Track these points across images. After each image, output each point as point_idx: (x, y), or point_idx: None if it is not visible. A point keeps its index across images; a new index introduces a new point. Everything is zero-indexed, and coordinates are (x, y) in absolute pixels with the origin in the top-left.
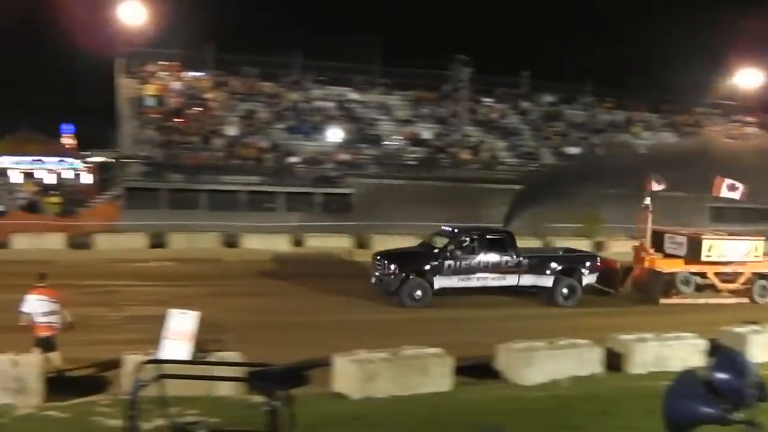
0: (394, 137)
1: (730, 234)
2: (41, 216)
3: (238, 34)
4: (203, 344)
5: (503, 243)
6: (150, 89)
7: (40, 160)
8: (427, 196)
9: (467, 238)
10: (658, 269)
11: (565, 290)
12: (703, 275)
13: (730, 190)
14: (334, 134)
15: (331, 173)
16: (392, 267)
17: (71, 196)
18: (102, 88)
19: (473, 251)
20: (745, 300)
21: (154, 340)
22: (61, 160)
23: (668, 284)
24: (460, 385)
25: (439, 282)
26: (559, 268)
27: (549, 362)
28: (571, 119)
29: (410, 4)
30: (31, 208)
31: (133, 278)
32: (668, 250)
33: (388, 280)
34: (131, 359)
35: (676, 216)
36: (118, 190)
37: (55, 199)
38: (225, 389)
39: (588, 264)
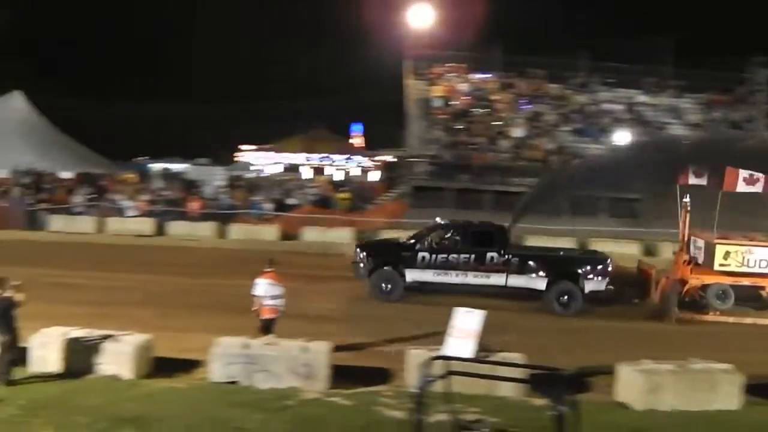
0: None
1: None
2: (331, 211)
3: (524, 35)
4: (487, 343)
5: (490, 238)
6: (437, 90)
7: (329, 157)
8: (724, 202)
9: (449, 231)
10: (678, 279)
11: (563, 296)
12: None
13: (748, 183)
14: (622, 137)
15: None
16: (362, 255)
17: (359, 193)
18: (391, 89)
19: (454, 245)
20: None
21: (436, 336)
22: (349, 158)
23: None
24: (749, 405)
25: (411, 275)
26: (555, 269)
27: None
28: None
29: (704, 2)
30: (323, 203)
31: None
32: (693, 257)
33: (359, 270)
34: (415, 354)
35: None
36: (405, 189)
37: (344, 195)
38: (506, 390)
39: (595, 267)
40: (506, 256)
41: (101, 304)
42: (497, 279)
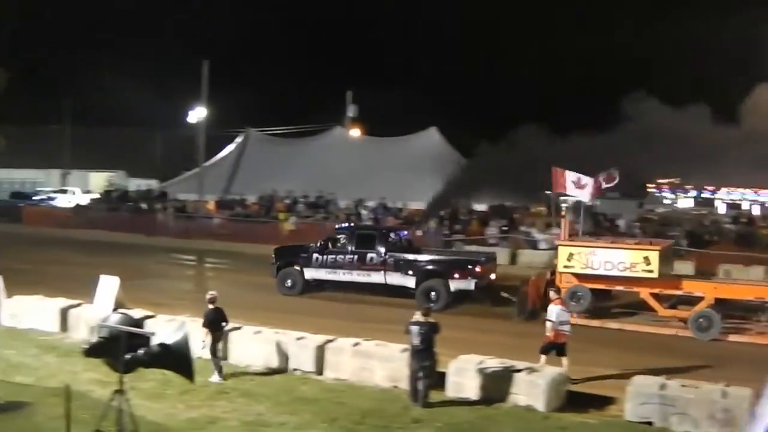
0: None
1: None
2: (754, 249)
3: None
4: None
5: (372, 240)
6: None
7: (744, 191)
8: None
9: (340, 234)
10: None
11: (431, 293)
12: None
13: (577, 187)
14: None
15: None
16: (273, 258)
17: None
18: None
19: (342, 247)
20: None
21: None
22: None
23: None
24: None
25: (309, 273)
26: (424, 269)
27: None
28: None
29: None
30: (745, 239)
31: None
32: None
33: (272, 270)
34: None
35: None
36: None
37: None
38: None
39: (461, 268)
40: (384, 257)
41: (514, 335)
42: (377, 277)
